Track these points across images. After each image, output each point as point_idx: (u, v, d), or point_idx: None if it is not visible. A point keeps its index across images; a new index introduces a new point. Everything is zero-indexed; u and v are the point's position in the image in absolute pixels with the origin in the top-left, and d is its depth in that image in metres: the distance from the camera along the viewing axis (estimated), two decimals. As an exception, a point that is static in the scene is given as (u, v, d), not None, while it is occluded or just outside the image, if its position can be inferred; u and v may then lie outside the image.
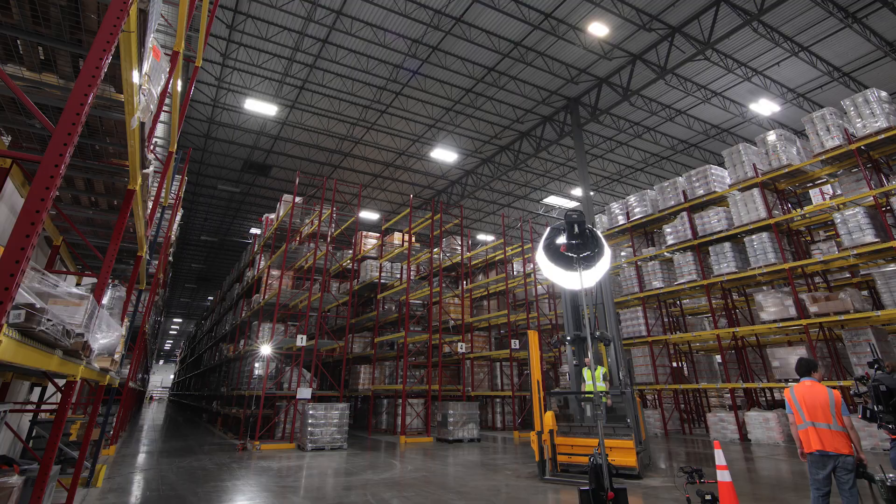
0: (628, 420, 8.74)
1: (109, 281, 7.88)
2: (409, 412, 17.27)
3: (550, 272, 4.08)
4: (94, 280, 7.37)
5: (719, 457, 5.01)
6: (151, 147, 6.76)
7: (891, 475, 2.64)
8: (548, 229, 4.08)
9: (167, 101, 7.04)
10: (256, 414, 13.89)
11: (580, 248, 3.97)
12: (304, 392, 13.52)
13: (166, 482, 8.34)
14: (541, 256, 4.07)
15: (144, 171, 4.67)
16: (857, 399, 2.77)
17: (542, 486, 7.88)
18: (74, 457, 6.40)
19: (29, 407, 6.66)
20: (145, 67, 3.86)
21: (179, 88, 6.51)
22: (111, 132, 4.47)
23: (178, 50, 5.49)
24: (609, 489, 3.15)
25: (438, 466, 10.22)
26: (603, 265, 4.02)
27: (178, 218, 13.76)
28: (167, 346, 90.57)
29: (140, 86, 3.74)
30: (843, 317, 12.68)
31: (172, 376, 69.79)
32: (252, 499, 7.09)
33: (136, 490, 7.63)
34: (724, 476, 4.81)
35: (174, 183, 11.78)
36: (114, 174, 5.09)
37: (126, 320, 7.19)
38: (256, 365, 15.61)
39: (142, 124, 3.94)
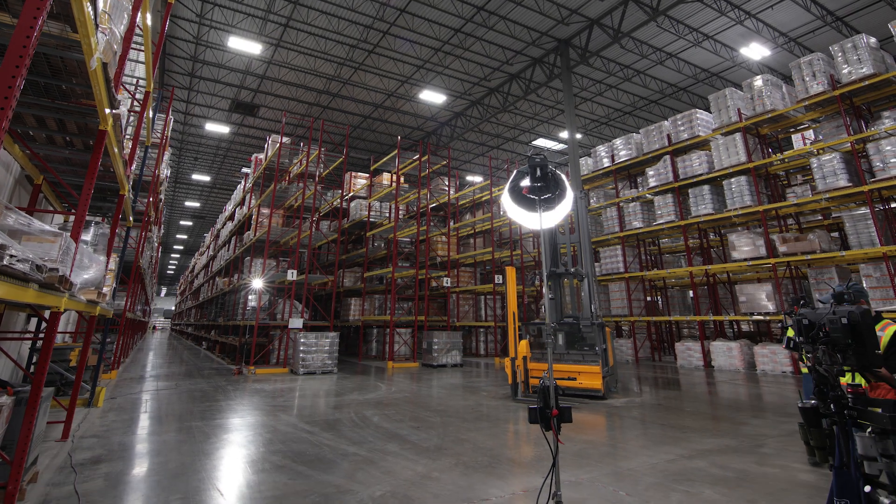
0: (597, 348, 9.20)
1: (99, 219, 7.88)
2: (396, 340, 17.84)
3: (514, 213, 4.13)
4: (96, 219, 7.37)
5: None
6: (123, 87, 6.54)
7: (809, 400, 2.83)
8: (514, 172, 4.08)
9: (140, 39, 6.75)
10: (251, 342, 14.31)
11: (542, 191, 3.99)
12: (296, 322, 13.89)
13: (164, 401, 8.69)
14: (506, 198, 4.10)
15: (115, 111, 4.56)
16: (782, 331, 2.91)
17: (513, 406, 8.34)
18: (73, 380, 6.65)
19: (27, 336, 6.84)
20: (102, 5, 3.68)
21: (150, 23, 6.21)
22: (75, 73, 4.31)
23: (144, -17, 5.18)
24: (554, 407, 3.35)
25: (421, 388, 10.69)
26: (564, 207, 4.06)
27: (166, 157, 13.48)
28: (167, 280, 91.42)
29: (98, 25, 3.59)
30: (809, 256, 13.00)
31: (174, 307, 70.95)
32: (243, 416, 7.45)
33: (135, 409, 7.95)
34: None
35: (158, 122, 11.48)
36: (85, 115, 4.94)
37: (114, 256, 7.24)
38: (250, 297, 15.92)
39: (104, 64, 3.80)
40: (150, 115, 8.90)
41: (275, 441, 5.86)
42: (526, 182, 4.07)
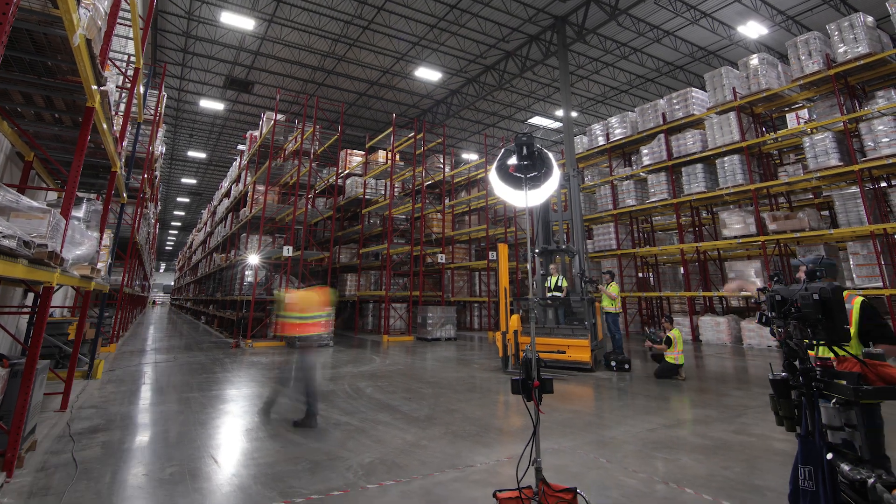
0: (586, 322, 9.33)
1: (93, 196, 7.83)
2: (392, 315, 17.99)
3: (501, 191, 4.14)
4: (89, 196, 7.32)
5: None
6: (112, 63, 6.43)
7: (778, 372, 2.90)
8: (502, 151, 4.09)
9: (128, 14, 6.60)
10: (248, 316, 14.42)
11: (528, 169, 4.00)
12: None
13: (162, 374, 8.77)
14: (493, 176, 4.10)
15: (102, 88, 4.48)
16: (758, 307, 2.96)
17: (503, 378, 8.46)
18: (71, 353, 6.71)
19: (24, 310, 6.87)
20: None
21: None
22: (60, 49, 4.23)
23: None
24: (535, 378, 3.42)
25: (414, 361, 10.81)
26: (550, 185, 4.05)
27: (160, 134, 13.33)
28: (166, 256, 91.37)
29: (80, 0, 3.51)
30: (798, 234, 13.06)
31: (173, 283, 71.05)
32: (239, 387, 7.55)
33: (134, 381, 8.02)
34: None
35: (151, 99, 11.31)
36: (72, 91, 4.87)
37: (109, 232, 7.23)
38: (247, 273, 15.96)
39: (88, 41, 3.73)
40: (142, 92, 8.75)
41: (269, 411, 5.96)
42: (513, 160, 4.07)
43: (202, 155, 34.37)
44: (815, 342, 2.65)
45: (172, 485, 3.62)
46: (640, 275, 18.63)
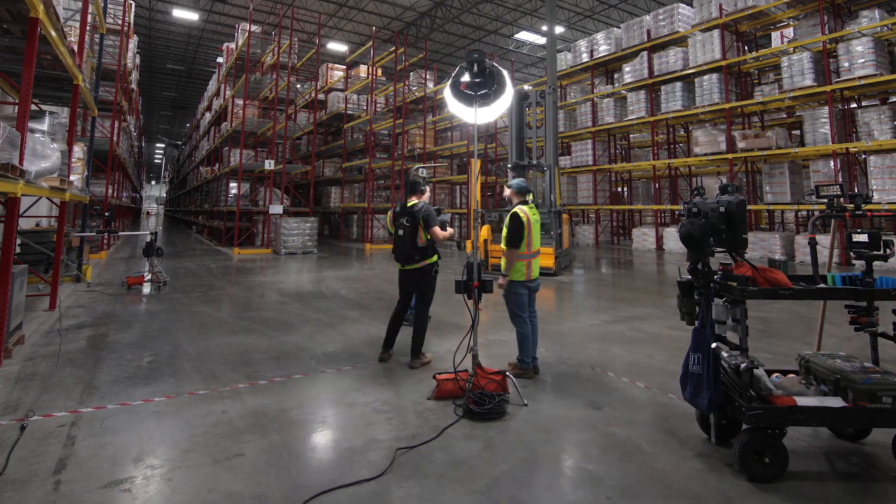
0: (552, 232, 9.62)
1: (59, 109, 7.47)
2: (375, 225, 18.11)
3: (454, 108, 4.09)
4: (53, 109, 6.98)
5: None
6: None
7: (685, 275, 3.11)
8: (457, 68, 3.99)
9: None
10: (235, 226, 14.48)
11: (479, 87, 3.94)
12: (276, 208, 13.96)
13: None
14: (447, 93, 4.03)
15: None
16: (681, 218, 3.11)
17: (471, 285, 8.84)
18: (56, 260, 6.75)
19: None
20: None
21: None
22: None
23: None
24: (475, 280, 3.64)
25: (392, 266, 10.98)
26: (501, 104, 3.99)
27: (131, 45, 12.42)
28: (156, 168, 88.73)
29: None
30: (765, 152, 13.07)
31: (164, 194, 69.84)
32: (223, 289, 7.73)
33: (121, 284, 7.90)
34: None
35: (116, 8, 10.41)
36: (14, 1, 4.46)
37: (82, 145, 7.02)
38: (231, 185, 15.73)
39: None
40: (100, 1, 8.03)
41: (249, 309, 6.21)
42: (466, 78, 3.97)
43: (181, 67, 32.27)
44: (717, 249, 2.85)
45: (150, 370, 3.85)
46: (617, 189, 18.81)
